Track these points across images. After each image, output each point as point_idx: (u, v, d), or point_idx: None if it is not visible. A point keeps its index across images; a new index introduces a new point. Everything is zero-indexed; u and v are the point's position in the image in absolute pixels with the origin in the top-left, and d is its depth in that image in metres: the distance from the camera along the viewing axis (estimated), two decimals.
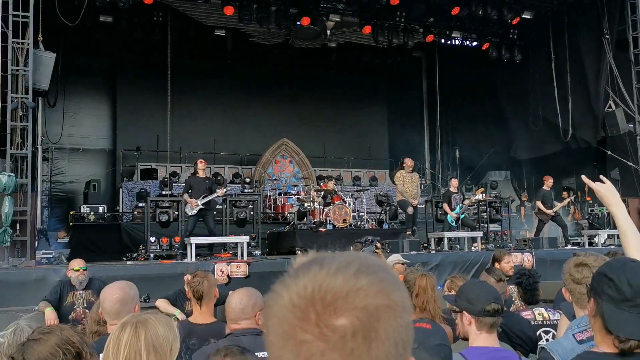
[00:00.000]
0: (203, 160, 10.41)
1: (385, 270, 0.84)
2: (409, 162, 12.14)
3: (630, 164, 13.79)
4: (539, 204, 12.42)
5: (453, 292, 3.40)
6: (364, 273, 0.81)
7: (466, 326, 2.72)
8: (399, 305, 0.81)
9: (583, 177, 2.49)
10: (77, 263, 6.41)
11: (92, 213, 13.80)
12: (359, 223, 13.38)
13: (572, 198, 13.83)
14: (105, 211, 14.45)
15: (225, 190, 11.02)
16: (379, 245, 7.96)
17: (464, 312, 2.72)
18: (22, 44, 9.45)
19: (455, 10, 14.96)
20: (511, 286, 5.02)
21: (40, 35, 9.71)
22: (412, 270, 3.55)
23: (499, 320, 2.72)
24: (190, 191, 9.93)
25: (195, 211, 9.77)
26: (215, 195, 10.55)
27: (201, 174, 10.14)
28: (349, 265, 0.82)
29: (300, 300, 0.80)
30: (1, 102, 9.14)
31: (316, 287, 0.80)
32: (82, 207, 14.36)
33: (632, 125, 13.77)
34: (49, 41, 10.66)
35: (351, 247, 7.93)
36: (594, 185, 2.40)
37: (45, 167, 14.99)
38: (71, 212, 13.77)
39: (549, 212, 12.28)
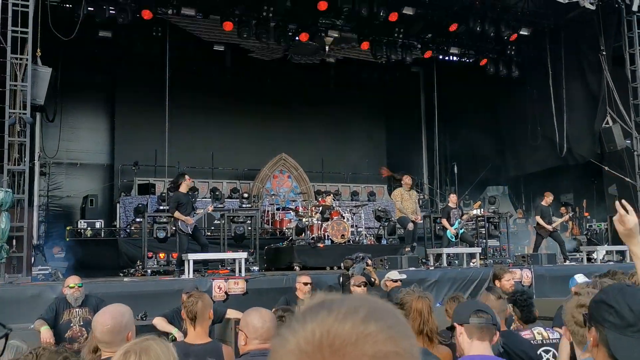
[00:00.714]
0: (190, 177, 10.31)
1: (394, 315, 0.83)
2: (407, 179, 12.11)
3: (627, 180, 13.80)
4: (537, 219, 12.40)
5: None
6: (373, 319, 0.80)
7: (459, 339, 2.78)
8: (408, 352, 0.80)
9: (622, 202, 2.37)
10: (73, 280, 6.37)
11: (89, 228, 13.74)
12: (357, 238, 13.35)
13: (571, 214, 13.82)
14: (103, 226, 14.40)
15: (213, 206, 11.00)
16: (369, 262, 7.90)
17: (456, 325, 2.80)
18: (21, 59, 9.46)
19: (453, 27, 15.05)
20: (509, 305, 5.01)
21: (38, 50, 9.71)
22: (409, 292, 3.52)
23: (490, 328, 2.75)
24: (179, 207, 9.75)
25: (190, 228, 9.71)
26: (205, 211, 10.54)
27: (185, 189, 10.02)
28: (358, 310, 0.80)
29: (307, 346, 0.78)
30: None
31: (324, 333, 0.78)
32: (79, 222, 14.31)
33: (629, 142, 13.80)
34: (48, 56, 10.68)
35: (341, 264, 7.90)
36: (621, 210, 2.32)
37: (43, 182, 14.96)
38: (68, 228, 13.71)
39: (548, 227, 12.26)
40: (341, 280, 7.78)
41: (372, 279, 7.67)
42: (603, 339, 1.75)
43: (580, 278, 5.69)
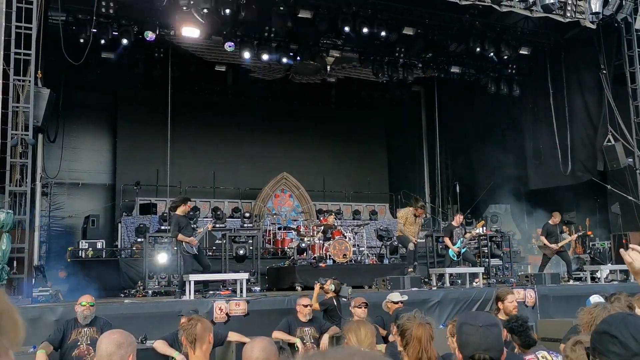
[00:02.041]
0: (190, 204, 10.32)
1: None
2: (420, 212, 11.98)
3: (630, 198, 13.75)
4: (542, 238, 12.33)
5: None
6: None
7: None
8: None
9: (621, 251, 2.43)
10: (85, 298, 6.46)
11: (90, 249, 13.69)
12: (359, 258, 13.27)
13: (580, 234, 13.70)
14: (104, 246, 14.35)
15: (212, 223, 10.97)
16: (326, 283, 7.77)
17: (457, 350, 2.68)
18: (23, 81, 9.50)
19: (453, 47, 15.13)
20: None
21: (39, 72, 9.76)
22: (410, 318, 3.46)
23: None
24: (181, 230, 9.70)
25: (195, 249, 9.66)
26: (205, 230, 10.51)
27: (182, 213, 9.97)
28: (353, 356, 0.78)
29: None
30: (1, 138, 9.15)
31: None
32: (80, 242, 14.26)
33: (631, 160, 13.78)
34: (50, 77, 10.74)
35: (314, 285, 7.84)
36: (624, 255, 2.35)
37: (44, 202, 14.92)
38: (69, 248, 13.66)
39: (553, 247, 12.18)
40: (335, 303, 7.69)
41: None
42: None
43: (594, 299, 5.64)
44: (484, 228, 14.02)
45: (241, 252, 11.42)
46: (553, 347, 4.79)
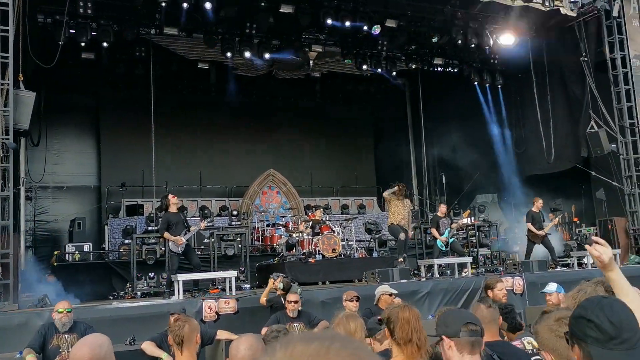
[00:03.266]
0: (174, 195, 10.16)
1: (361, 344, 0.85)
2: (399, 188, 11.80)
3: (614, 183, 13.87)
4: (529, 225, 12.40)
5: None
6: (339, 340, 0.85)
7: (448, 353, 2.69)
8: None
9: (587, 247, 2.46)
10: (62, 305, 6.31)
11: (77, 252, 13.58)
12: (348, 252, 13.28)
13: (559, 218, 13.85)
14: (91, 249, 14.23)
15: (205, 222, 10.87)
16: (277, 280, 7.77)
17: (443, 337, 2.70)
18: (2, 84, 9.37)
19: (436, 39, 15.13)
20: None
21: (20, 75, 9.63)
22: (395, 305, 3.48)
23: (480, 341, 2.68)
24: (169, 228, 9.61)
25: (181, 248, 9.59)
26: (197, 229, 10.40)
27: (174, 208, 9.88)
28: (326, 335, 0.89)
29: None
30: None
31: (292, 353, 0.84)
32: (67, 246, 14.13)
33: (614, 146, 13.89)
34: (31, 80, 10.59)
35: (279, 284, 7.81)
36: (591, 250, 2.37)
37: (29, 207, 14.79)
38: (56, 252, 13.53)
39: (540, 233, 12.27)
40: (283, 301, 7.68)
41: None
42: (587, 355, 1.73)
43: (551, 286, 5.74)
44: (471, 218, 14.09)
45: (230, 253, 11.39)
46: (540, 333, 4.82)
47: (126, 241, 13.76)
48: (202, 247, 13.96)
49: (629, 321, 1.72)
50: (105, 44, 13.13)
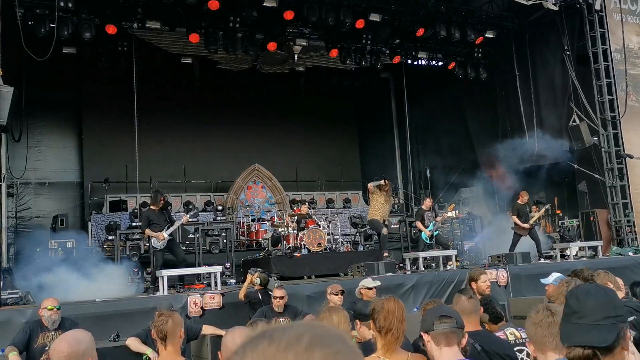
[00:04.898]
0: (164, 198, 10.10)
1: (342, 341, 0.78)
2: (385, 184, 11.82)
3: (596, 176, 14.02)
4: (514, 218, 12.48)
5: None
6: (317, 346, 0.75)
7: (428, 347, 2.75)
8: None
9: None
10: (51, 302, 6.25)
11: (60, 249, 13.43)
12: (333, 246, 13.30)
13: (547, 207, 13.95)
14: (75, 246, 14.08)
15: (189, 216, 10.80)
16: (254, 275, 7.84)
17: (422, 333, 2.77)
18: None
19: (420, 32, 15.14)
20: None
21: (0, 69, 9.49)
22: (380, 297, 3.52)
23: (456, 332, 2.72)
24: (150, 225, 9.57)
25: (163, 244, 9.52)
26: (179, 222, 10.34)
27: (156, 207, 9.82)
28: (301, 338, 0.75)
29: None
30: None
31: None
32: (50, 242, 13.96)
33: (596, 139, 14.04)
34: (11, 75, 10.44)
35: (256, 280, 7.84)
36: None
37: (10, 203, 14.60)
38: (38, 249, 13.37)
39: (526, 225, 12.36)
40: (260, 297, 7.72)
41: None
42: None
43: (554, 276, 5.72)
44: (456, 211, 14.15)
45: (215, 251, 11.39)
46: (521, 325, 4.87)
47: (110, 237, 13.65)
48: (187, 242, 13.89)
49: (599, 304, 1.77)
50: (86, 37, 12.93)
